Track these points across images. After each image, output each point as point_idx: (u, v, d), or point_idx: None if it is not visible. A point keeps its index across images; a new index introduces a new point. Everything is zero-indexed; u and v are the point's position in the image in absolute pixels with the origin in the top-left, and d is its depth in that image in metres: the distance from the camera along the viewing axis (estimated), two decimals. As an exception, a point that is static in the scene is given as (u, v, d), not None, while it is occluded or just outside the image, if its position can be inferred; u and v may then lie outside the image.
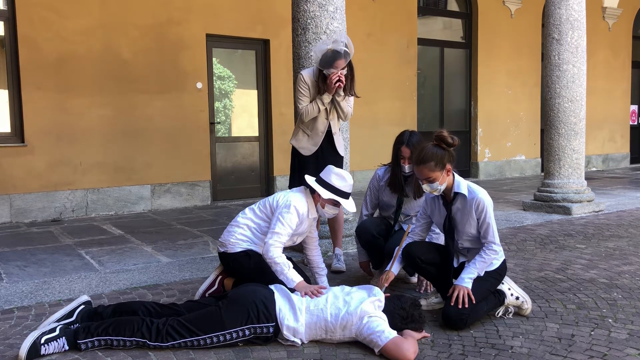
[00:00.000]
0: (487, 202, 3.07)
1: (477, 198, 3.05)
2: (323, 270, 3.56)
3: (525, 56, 11.22)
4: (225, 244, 3.35)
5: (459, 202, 3.12)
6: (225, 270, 3.45)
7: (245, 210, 3.44)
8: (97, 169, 6.93)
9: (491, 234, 3.07)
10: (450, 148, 3.03)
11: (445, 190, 3.11)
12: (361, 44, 8.78)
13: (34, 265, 4.43)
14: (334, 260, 4.29)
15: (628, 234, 5.46)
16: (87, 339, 2.69)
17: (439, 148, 3.02)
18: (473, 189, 3.10)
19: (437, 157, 3.00)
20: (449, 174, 3.07)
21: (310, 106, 4.09)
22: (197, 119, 7.59)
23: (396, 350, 2.59)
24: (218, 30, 7.70)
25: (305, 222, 3.33)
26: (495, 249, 3.07)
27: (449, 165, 3.04)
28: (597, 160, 12.90)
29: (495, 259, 3.11)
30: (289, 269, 3.12)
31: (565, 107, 6.56)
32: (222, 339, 2.72)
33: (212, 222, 6.33)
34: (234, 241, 3.32)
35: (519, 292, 3.21)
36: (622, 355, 2.65)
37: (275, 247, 3.13)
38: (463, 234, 3.16)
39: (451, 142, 3.02)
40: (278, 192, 3.51)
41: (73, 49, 6.70)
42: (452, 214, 3.16)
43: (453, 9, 10.72)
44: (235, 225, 3.38)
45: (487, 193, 3.13)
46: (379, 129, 9.07)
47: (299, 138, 4.25)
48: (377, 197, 3.90)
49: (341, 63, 3.92)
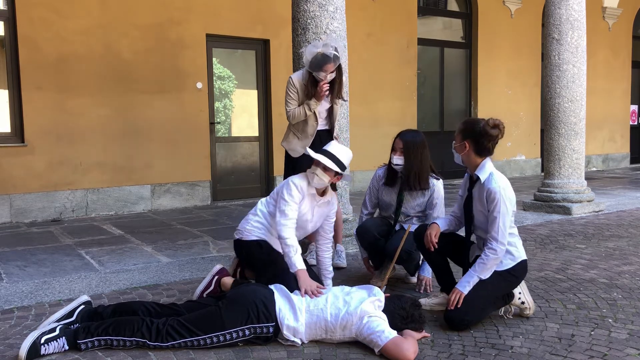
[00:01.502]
0: (504, 196, 2.95)
1: (491, 188, 2.96)
2: (330, 273, 3.56)
3: (525, 56, 11.22)
4: (242, 230, 3.44)
5: (477, 186, 3.10)
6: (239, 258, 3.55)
7: (263, 200, 3.53)
8: (97, 169, 6.93)
9: (496, 229, 2.95)
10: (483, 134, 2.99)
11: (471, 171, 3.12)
12: (361, 44, 8.80)
13: (34, 265, 4.43)
14: (335, 257, 4.31)
15: (628, 234, 5.46)
16: (87, 339, 2.69)
17: (479, 125, 3.02)
18: (493, 179, 3.00)
19: (466, 127, 3.06)
20: (467, 151, 3.06)
21: (297, 110, 4.13)
22: (197, 119, 7.59)
23: (396, 350, 2.59)
24: (218, 30, 7.70)
25: (306, 198, 3.32)
26: (495, 247, 2.94)
27: (470, 143, 3.03)
28: (597, 160, 12.90)
29: (495, 258, 2.97)
30: (296, 254, 3.14)
31: (565, 107, 6.56)
32: (222, 339, 2.72)
33: (212, 222, 6.33)
34: (250, 228, 3.41)
35: (528, 299, 3.16)
36: (622, 355, 2.65)
37: (287, 226, 3.17)
38: (476, 220, 3.14)
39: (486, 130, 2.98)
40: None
41: (73, 49, 6.70)
42: (471, 197, 3.14)
43: (453, 9, 10.72)
44: (253, 213, 3.48)
45: (510, 189, 3.02)
46: (379, 129, 9.06)
47: (289, 140, 4.29)
48: (377, 197, 3.91)
49: (330, 67, 3.94)
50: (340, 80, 4.13)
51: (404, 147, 3.62)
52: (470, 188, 3.17)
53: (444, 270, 3.34)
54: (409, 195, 3.75)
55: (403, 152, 3.63)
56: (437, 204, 3.74)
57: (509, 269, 3.06)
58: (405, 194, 3.75)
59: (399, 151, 3.65)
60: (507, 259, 3.06)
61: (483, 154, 3.06)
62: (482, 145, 3.03)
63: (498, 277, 3.02)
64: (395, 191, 3.79)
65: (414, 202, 3.76)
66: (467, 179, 3.25)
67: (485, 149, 3.05)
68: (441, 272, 3.35)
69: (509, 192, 3.00)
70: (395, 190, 3.79)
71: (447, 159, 7.81)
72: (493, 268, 3.00)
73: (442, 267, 3.34)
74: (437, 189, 3.73)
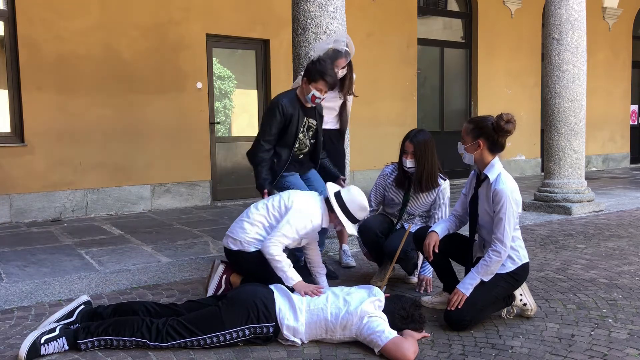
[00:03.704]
0: (511, 198, 2.93)
1: (498, 189, 2.95)
2: (323, 269, 3.55)
3: (525, 56, 11.22)
4: (241, 241, 3.26)
5: (484, 185, 3.08)
6: (232, 267, 3.43)
7: (258, 206, 3.34)
8: (97, 169, 6.93)
9: (501, 230, 2.93)
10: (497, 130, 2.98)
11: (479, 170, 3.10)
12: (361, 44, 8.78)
13: (34, 265, 4.43)
14: (344, 257, 4.32)
15: (628, 234, 5.46)
16: (87, 339, 2.69)
17: (490, 122, 3.01)
18: (501, 180, 2.98)
19: (478, 126, 3.03)
20: (480, 150, 3.04)
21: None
22: (197, 119, 7.59)
23: (396, 350, 2.59)
24: (218, 30, 7.70)
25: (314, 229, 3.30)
26: (499, 249, 2.93)
27: (483, 141, 3.02)
28: (597, 160, 12.89)
29: (498, 260, 2.95)
30: (289, 268, 3.11)
31: (566, 107, 6.55)
32: (222, 339, 2.72)
33: (212, 222, 6.33)
34: (250, 239, 3.25)
35: (529, 300, 3.16)
36: (622, 355, 2.65)
37: (275, 245, 3.11)
38: (480, 219, 3.12)
39: (500, 126, 2.97)
40: (292, 190, 3.46)
41: (73, 49, 6.69)
42: (477, 196, 3.13)
43: (453, 9, 10.72)
44: (249, 222, 3.29)
45: (517, 192, 3.00)
46: (379, 129, 9.06)
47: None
48: (382, 195, 3.91)
49: (342, 62, 3.94)
50: (350, 76, 4.12)
51: (415, 150, 3.59)
52: (477, 187, 3.15)
53: (446, 271, 3.34)
54: (415, 195, 3.74)
55: (414, 155, 3.61)
56: (442, 204, 3.73)
57: (510, 271, 3.05)
58: (411, 194, 3.75)
59: (410, 154, 3.62)
60: (510, 262, 3.05)
61: (496, 150, 3.06)
62: (497, 142, 3.03)
63: (500, 279, 3.02)
64: (403, 190, 3.79)
65: (420, 201, 3.76)
66: (473, 177, 3.23)
67: (499, 145, 3.05)
68: (443, 272, 3.35)
69: (516, 195, 2.98)
70: (403, 190, 3.79)
71: (447, 158, 7.82)
72: (495, 270, 2.99)
73: (443, 267, 3.33)
74: (444, 190, 3.72)
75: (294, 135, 3.75)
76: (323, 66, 3.64)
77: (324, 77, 3.61)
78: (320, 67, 3.63)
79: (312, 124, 3.87)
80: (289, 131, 3.73)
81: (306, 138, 3.87)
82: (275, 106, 3.70)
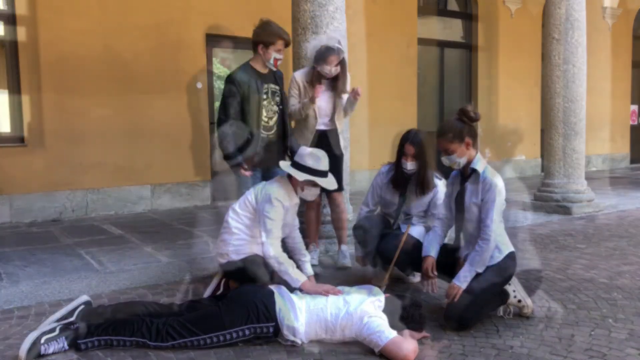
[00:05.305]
0: (499, 188, 3.03)
1: (488, 179, 3.05)
2: (305, 256, 3.47)
3: (525, 56, 11.21)
4: (229, 253, 3.26)
5: (472, 179, 3.13)
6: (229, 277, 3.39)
7: (230, 213, 3.34)
8: (97, 169, 6.93)
9: (490, 217, 3.00)
10: (471, 122, 3.08)
11: (464, 167, 3.14)
12: (361, 44, 8.78)
13: (34, 265, 4.43)
14: (340, 257, 4.32)
15: (628, 234, 5.46)
16: (87, 338, 2.69)
17: (460, 121, 3.09)
18: (489, 170, 3.09)
19: (456, 130, 3.07)
20: (469, 148, 3.09)
21: (294, 108, 4.18)
22: (197, 119, 7.59)
23: (396, 350, 2.59)
24: (218, 30, 7.70)
25: (290, 209, 3.30)
26: (488, 236, 2.99)
27: (469, 139, 3.07)
28: (597, 160, 12.89)
29: (489, 247, 3.00)
30: (293, 268, 3.11)
31: (566, 107, 6.55)
32: (222, 339, 2.72)
33: (212, 222, 6.33)
34: (234, 249, 3.25)
35: (523, 295, 3.18)
36: (622, 355, 2.65)
37: (273, 245, 3.11)
38: (467, 214, 3.15)
39: (473, 117, 3.08)
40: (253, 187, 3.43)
41: (73, 49, 6.69)
42: (464, 190, 3.16)
43: (453, 9, 10.71)
44: (229, 233, 3.29)
45: (503, 184, 3.09)
46: (379, 129, 9.04)
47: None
48: (379, 195, 3.90)
49: (334, 59, 3.97)
50: (344, 74, 4.14)
51: (415, 152, 3.58)
52: (462, 182, 3.20)
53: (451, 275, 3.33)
54: (412, 196, 3.74)
55: (415, 157, 3.60)
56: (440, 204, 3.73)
57: (499, 262, 3.10)
58: (408, 194, 3.75)
59: (410, 156, 3.61)
60: (496, 252, 3.10)
61: (476, 141, 3.16)
62: (476, 133, 3.14)
63: (490, 272, 3.07)
64: (399, 191, 3.79)
65: (417, 202, 3.75)
66: (456, 177, 3.29)
67: (477, 136, 3.17)
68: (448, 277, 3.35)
69: (502, 184, 3.10)
70: (399, 190, 3.79)
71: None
72: (487, 258, 3.04)
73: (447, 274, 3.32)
74: (440, 189, 3.72)
75: (257, 103, 3.87)
76: (272, 28, 3.91)
77: (281, 36, 3.88)
78: (270, 29, 3.89)
79: (274, 88, 4.01)
80: (251, 100, 3.85)
81: (272, 104, 3.99)
82: (228, 81, 3.87)
